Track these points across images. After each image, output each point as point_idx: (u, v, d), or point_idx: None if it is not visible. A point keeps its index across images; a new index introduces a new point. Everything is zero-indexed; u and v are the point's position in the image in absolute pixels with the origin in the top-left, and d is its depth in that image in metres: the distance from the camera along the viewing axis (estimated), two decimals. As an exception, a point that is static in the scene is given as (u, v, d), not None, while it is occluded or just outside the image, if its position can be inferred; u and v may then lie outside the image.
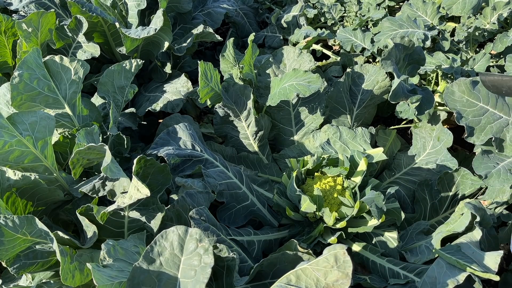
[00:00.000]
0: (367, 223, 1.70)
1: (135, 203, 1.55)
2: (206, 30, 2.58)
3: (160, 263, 1.17)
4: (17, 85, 1.69)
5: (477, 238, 1.47)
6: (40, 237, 1.41)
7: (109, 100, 2.00)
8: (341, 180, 1.78)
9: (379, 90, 2.19)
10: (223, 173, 1.84)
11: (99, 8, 2.31)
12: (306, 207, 1.67)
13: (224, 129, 2.19)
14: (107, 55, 2.64)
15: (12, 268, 1.41)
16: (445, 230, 1.59)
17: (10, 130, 1.53)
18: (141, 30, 2.29)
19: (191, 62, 2.77)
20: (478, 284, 1.32)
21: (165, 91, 2.42)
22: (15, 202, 1.54)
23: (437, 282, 1.33)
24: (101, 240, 1.42)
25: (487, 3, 2.56)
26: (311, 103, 2.19)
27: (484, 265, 1.36)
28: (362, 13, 2.98)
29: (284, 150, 2.21)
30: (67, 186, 1.71)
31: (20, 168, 1.59)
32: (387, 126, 2.37)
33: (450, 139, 1.94)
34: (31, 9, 2.45)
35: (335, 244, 1.26)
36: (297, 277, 1.18)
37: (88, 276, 1.40)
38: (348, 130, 2.07)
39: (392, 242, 1.74)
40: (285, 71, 2.30)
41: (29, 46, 2.15)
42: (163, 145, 1.85)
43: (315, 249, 1.73)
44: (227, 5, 2.95)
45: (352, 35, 2.71)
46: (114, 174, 1.48)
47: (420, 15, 2.66)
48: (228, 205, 1.81)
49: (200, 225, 1.45)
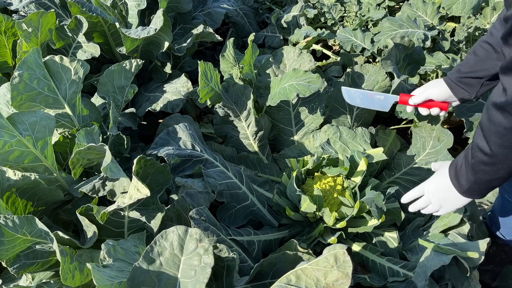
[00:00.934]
0: (367, 223, 1.70)
1: (135, 203, 1.55)
2: (206, 30, 2.58)
3: (160, 263, 1.17)
4: (17, 85, 1.69)
5: (465, 231, 1.49)
6: (40, 237, 1.42)
7: (109, 100, 2.00)
8: (341, 180, 1.78)
9: (379, 90, 2.19)
10: (223, 173, 1.84)
11: (99, 8, 2.31)
12: (306, 207, 1.67)
13: (224, 129, 2.19)
14: (107, 55, 2.64)
15: (12, 268, 1.41)
16: (441, 225, 1.61)
17: (10, 130, 1.53)
18: (141, 30, 2.30)
19: (191, 62, 2.77)
20: (464, 265, 1.34)
21: (165, 91, 2.42)
22: (15, 202, 1.54)
23: (427, 268, 1.35)
24: (101, 240, 1.42)
25: (487, 3, 2.57)
26: (311, 103, 2.19)
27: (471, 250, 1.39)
28: (362, 13, 2.98)
29: (284, 150, 2.21)
30: (67, 186, 1.71)
31: (20, 168, 1.59)
32: (387, 126, 2.37)
33: (450, 140, 1.94)
34: (31, 9, 2.45)
35: (335, 244, 1.26)
36: (297, 277, 1.18)
37: (88, 276, 1.40)
38: (348, 130, 2.07)
39: (392, 242, 1.74)
40: (285, 71, 2.30)
41: (29, 46, 2.15)
42: (163, 145, 1.85)
43: (315, 249, 1.73)
44: (227, 5, 2.96)
45: (352, 35, 2.71)
46: (114, 174, 1.48)
47: (420, 15, 2.66)
48: (228, 205, 1.81)
49: (200, 225, 1.45)
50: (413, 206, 1.45)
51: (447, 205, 1.37)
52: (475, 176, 1.20)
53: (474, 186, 1.23)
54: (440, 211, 1.40)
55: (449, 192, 1.32)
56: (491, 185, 1.21)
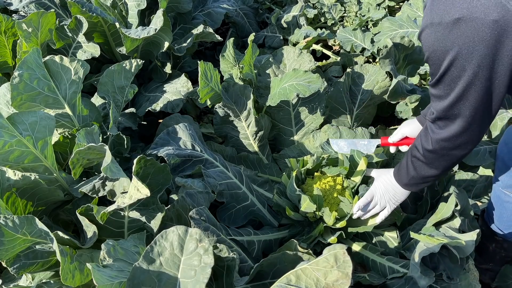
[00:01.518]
0: (367, 223, 1.70)
1: (135, 203, 1.55)
2: (206, 30, 2.58)
3: (160, 263, 1.17)
4: (17, 85, 1.69)
5: (456, 225, 1.53)
6: (40, 237, 1.41)
7: (109, 100, 2.00)
8: (341, 179, 1.78)
9: (379, 90, 2.19)
10: (223, 173, 1.84)
11: (99, 8, 2.31)
12: (306, 207, 1.67)
13: (224, 129, 2.19)
14: (107, 55, 2.64)
15: (12, 268, 1.41)
16: (434, 219, 1.64)
17: (10, 130, 1.52)
18: (141, 30, 2.30)
19: (191, 62, 2.77)
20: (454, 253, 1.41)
21: (165, 91, 2.42)
22: (15, 202, 1.54)
23: (418, 257, 1.42)
24: (101, 240, 1.42)
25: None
26: (311, 103, 2.19)
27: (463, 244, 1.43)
28: (362, 13, 2.98)
29: (284, 150, 2.21)
30: (67, 186, 1.71)
31: (20, 168, 1.59)
32: (387, 126, 2.37)
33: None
34: (31, 9, 2.45)
35: (335, 244, 1.26)
36: (297, 277, 1.18)
37: (88, 276, 1.40)
38: (348, 130, 2.07)
39: (392, 242, 1.74)
40: (285, 71, 2.30)
41: (29, 46, 2.15)
42: (163, 145, 1.85)
43: (315, 249, 1.73)
44: (227, 5, 2.96)
45: (352, 35, 2.71)
46: (114, 174, 1.48)
47: (420, 15, 2.66)
48: (228, 205, 1.81)
49: (200, 225, 1.45)
50: (367, 214, 1.66)
51: (391, 202, 1.62)
52: (414, 171, 1.45)
53: (412, 179, 1.49)
54: (386, 209, 1.63)
55: (393, 188, 1.58)
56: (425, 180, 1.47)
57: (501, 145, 1.59)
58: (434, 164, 1.39)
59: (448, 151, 1.32)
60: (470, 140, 1.28)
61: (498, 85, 1.14)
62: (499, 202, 1.63)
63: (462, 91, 1.17)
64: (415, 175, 1.47)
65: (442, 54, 1.15)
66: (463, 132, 1.25)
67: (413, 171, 1.46)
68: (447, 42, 1.12)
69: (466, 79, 1.14)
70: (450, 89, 1.19)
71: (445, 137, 1.30)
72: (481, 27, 1.05)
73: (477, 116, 1.21)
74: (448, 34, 1.11)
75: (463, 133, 1.26)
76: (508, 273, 1.76)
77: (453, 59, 1.13)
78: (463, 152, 1.32)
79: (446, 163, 1.38)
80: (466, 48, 1.09)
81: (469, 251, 1.41)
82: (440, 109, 1.26)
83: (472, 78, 1.13)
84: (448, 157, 1.35)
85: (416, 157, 1.43)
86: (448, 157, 1.35)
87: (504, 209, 1.62)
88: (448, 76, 1.17)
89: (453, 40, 1.10)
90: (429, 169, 1.41)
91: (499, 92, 1.16)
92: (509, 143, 1.55)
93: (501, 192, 1.59)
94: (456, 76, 1.15)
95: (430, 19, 1.15)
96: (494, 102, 1.18)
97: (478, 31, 1.06)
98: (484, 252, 1.79)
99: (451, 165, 1.40)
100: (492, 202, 1.67)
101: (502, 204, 1.62)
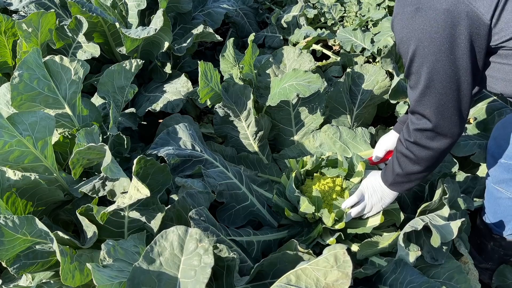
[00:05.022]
0: (366, 224, 1.70)
1: (135, 203, 1.55)
2: (206, 30, 2.58)
3: (160, 263, 1.18)
4: (17, 85, 1.69)
5: (445, 215, 1.54)
6: (40, 237, 1.42)
7: (109, 100, 2.00)
8: (340, 181, 1.78)
9: (379, 90, 2.20)
10: (223, 173, 1.84)
11: (99, 8, 2.31)
12: (304, 208, 1.67)
13: (224, 129, 2.19)
14: (107, 55, 2.64)
15: (12, 268, 1.41)
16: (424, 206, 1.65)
17: (10, 130, 1.53)
18: (141, 30, 2.30)
19: (191, 62, 2.77)
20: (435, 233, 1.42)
21: (165, 91, 2.42)
22: (15, 202, 1.54)
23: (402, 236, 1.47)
24: (101, 240, 1.42)
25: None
26: (311, 103, 2.19)
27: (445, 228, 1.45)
28: (362, 13, 2.98)
29: (284, 150, 2.21)
30: (67, 186, 1.71)
31: (20, 168, 1.59)
32: (387, 126, 2.37)
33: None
34: (31, 9, 2.45)
35: (335, 244, 1.26)
36: (297, 277, 1.19)
37: (88, 276, 1.40)
38: (348, 130, 2.07)
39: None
40: (285, 71, 2.30)
41: (29, 46, 2.15)
42: (163, 145, 1.85)
43: (314, 250, 1.73)
44: (227, 5, 2.96)
45: (352, 35, 2.71)
46: (114, 174, 1.48)
47: (420, 15, 2.66)
48: (228, 205, 1.81)
49: (200, 225, 1.45)
50: (354, 211, 1.65)
51: (379, 204, 1.62)
52: (399, 167, 1.46)
53: (397, 177, 1.49)
54: (373, 209, 1.64)
55: (380, 190, 1.59)
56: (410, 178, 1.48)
57: (491, 140, 1.61)
58: (417, 158, 1.39)
59: (428, 142, 1.33)
60: (448, 131, 1.29)
61: (463, 72, 1.19)
62: (492, 198, 1.64)
63: (428, 78, 1.21)
64: (400, 172, 1.47)
65: (407, 43, 1.21)
66: (438, 122, 1.27)
67: (398, 168, 1.47)
68: (409, 31, 1.19)
69: (429, 65, 1.19)
70: (418, 76, 1.24)
71: (422, 127, 1.32)
72: (436, 15, 1.14)
73: (448, 105, 1.24)
74: (410, 23, 1.18)
75: (437, 123, 1.28)
76: (506, 273, 1.76)
77: (415, 47, 1.19)
78: (443, 145, 1.33)
79: (428, 157, 1.37)
80: (424, 35, 1.16)
81: (452, 236, 1.42)
82: (413, 99, 1.29)
83: (434, 63, 1.18)
84: (429, 150, 1.35)
85: (401, 152, 1.43)
86: (430, 150, 1.35)
87: (498, 205, 1.63)
88: (415, 64, 1.22)
89: (414, 28, 1.18)
90: (413, 165, 1.42)
91: (464, 80, 1.20)
92: (498, 138, 1.56)
93: (494, 188, 1.60)
94: (420, 63, 1.21)
95: (397, 9, 1.23)
96: (462, 89, 1.22)
97: (433, 19, 1.14)
98: (483, 251, 1.79)
99: (435, 161, 1.40)
100: (486, 199, 1.68)
101: (495, 200, 1.62)
